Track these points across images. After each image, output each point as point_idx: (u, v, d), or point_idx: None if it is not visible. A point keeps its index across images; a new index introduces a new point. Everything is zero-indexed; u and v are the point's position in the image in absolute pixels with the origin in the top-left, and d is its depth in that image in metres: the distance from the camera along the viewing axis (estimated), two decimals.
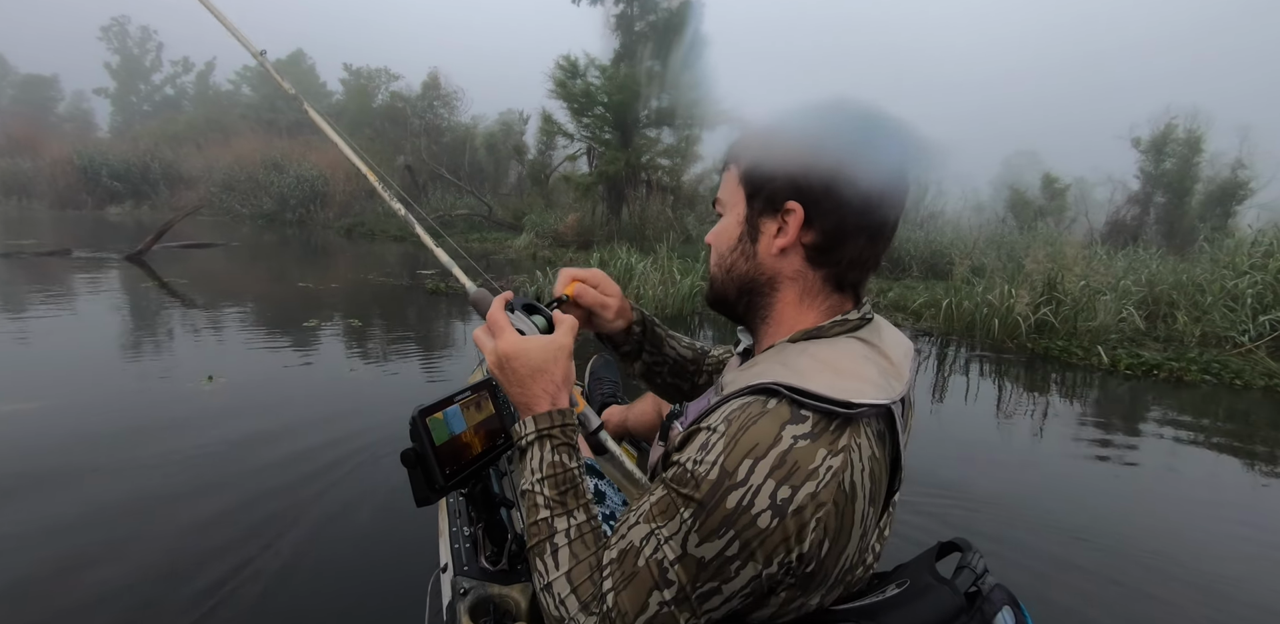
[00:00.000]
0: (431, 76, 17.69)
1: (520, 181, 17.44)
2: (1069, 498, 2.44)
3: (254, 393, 3.11)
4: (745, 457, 0.53)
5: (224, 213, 16.22)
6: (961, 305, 5.06)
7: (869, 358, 0.62)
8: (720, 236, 0.72)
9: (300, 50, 33.05)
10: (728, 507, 0.53)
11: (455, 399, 0.95)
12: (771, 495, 0.52)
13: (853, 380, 0.58)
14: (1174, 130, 15.38)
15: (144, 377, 3.29)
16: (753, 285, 0.70)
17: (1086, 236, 14.94)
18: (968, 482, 2.47)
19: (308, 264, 8.92)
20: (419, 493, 0.89)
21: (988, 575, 0.63)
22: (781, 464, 0.53)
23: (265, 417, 2.73)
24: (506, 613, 1.00)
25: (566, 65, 11.82)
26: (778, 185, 0.65)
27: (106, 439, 2.43)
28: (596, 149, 12.40)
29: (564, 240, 11.15)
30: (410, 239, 12.73)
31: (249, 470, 2.21)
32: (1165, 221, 15.19)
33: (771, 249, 0.66)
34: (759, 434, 0.54)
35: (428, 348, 4.18)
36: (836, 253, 0.65)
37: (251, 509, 1.96)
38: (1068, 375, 4.29)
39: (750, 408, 0.57)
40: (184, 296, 5.49)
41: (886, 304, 6.32)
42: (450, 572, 1.08)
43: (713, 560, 0.54)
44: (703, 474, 0.54)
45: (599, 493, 1.15)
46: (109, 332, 4.19)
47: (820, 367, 0.59)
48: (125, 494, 2.02)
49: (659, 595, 0.56)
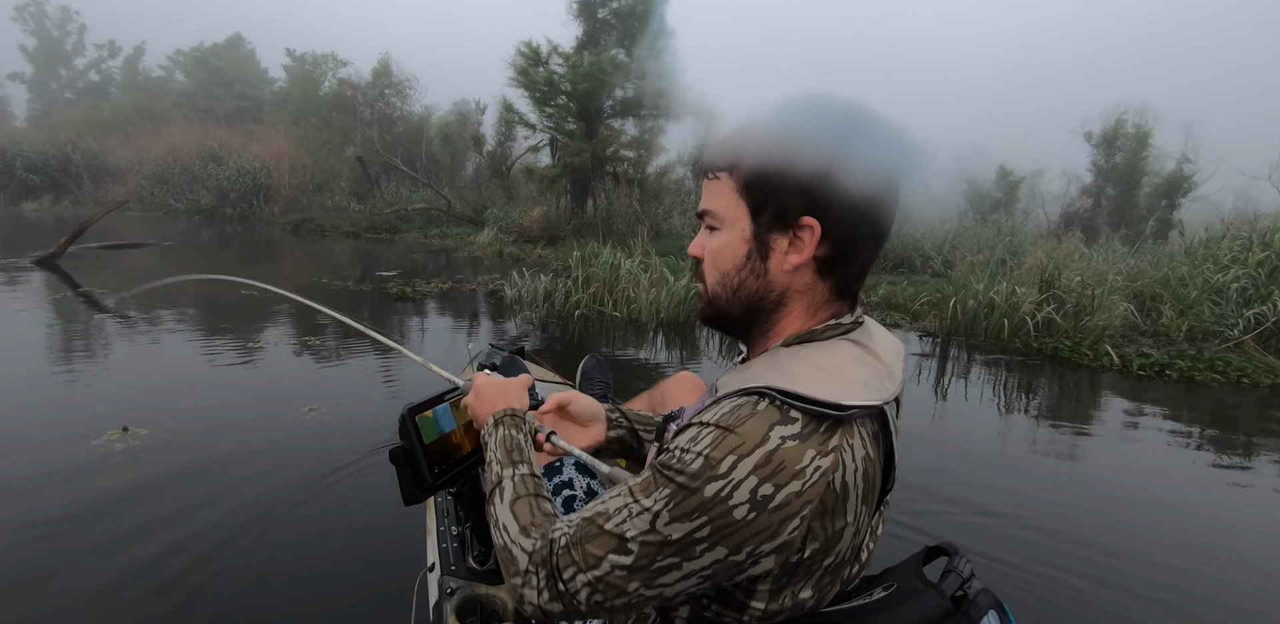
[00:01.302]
0: (382, 63, 16.78)
1: (478, 174, 16.79)
2: (1106, 508, 2.28)
3: (182, 451, 2.33)
4: (730, 452, 0.53)
5: (157, 208, 15.05)
6: (966, 304, 4.84)
7: (860, 359, 0.62)
8: (721, 254, 0.66)
9: (238, 34, 31.23)
10: (705, 494, 0.53)
11: (445, 398, 0.96)
12: (752, 491, 0.52)
13: (843, 382, 0.57)
14: (1124, 125, 16.00)
15: (29, 428, 2.47)
16: (761, 303, 0.66)
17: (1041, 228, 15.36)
18: (998, 489, 2.36)
19: (252, 266, 7.99)
20: (407, 491, 0.89)
21: (974, 580, 0.64)
22: (766, 463, 0.53)
23: (191, 492, 2.04)
24: (493, 613, 0.99)
25: (529, 52, 11.31)
26: (789, 199, 0.60)
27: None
28: (560, 140, 11.98)
29: (529, 236, 10.66)
30: (365, 236, 12.03)
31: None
32: (1116, 213, 15.79)
33: (784, 266, 0.63)
34: (746, 433, 0.54)
35: (397, 373, 3.42)
36: (848, 263, 0.64)
37: (235, 511, 1.93)
38: (1081, 378, 4.12)
39: (741, 408, 0.57)
40: (101, 311, 4.62)
41: (877, 302, 6.09)
42: (437, 571, 1.08)
43: (679, 540, 0.54)
44: (688, 462, 0.54)
45: (590, 491, 1.10)
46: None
47: (811, 370, 0.59)
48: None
49: (615, 559, 0.56)
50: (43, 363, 3.35)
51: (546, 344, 4.40)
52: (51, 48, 33.84)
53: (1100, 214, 16.01)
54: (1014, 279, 4.96)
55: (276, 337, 4.13)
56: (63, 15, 34.23)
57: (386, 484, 2.11)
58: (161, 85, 30.44)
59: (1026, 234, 11.84)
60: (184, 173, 15.38)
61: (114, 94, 31.42)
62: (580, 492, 1.04)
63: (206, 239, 10.96)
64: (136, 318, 4.47)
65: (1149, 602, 1.73)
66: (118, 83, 33.60)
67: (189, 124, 19.16)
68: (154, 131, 18.39)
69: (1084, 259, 5.36)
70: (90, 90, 33.31)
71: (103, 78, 34.38)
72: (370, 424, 2.62)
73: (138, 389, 3.03)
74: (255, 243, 10.71)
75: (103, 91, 32.60)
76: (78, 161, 17.01)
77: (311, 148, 16.03)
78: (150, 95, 27.26)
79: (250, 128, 18.78)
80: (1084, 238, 8.76)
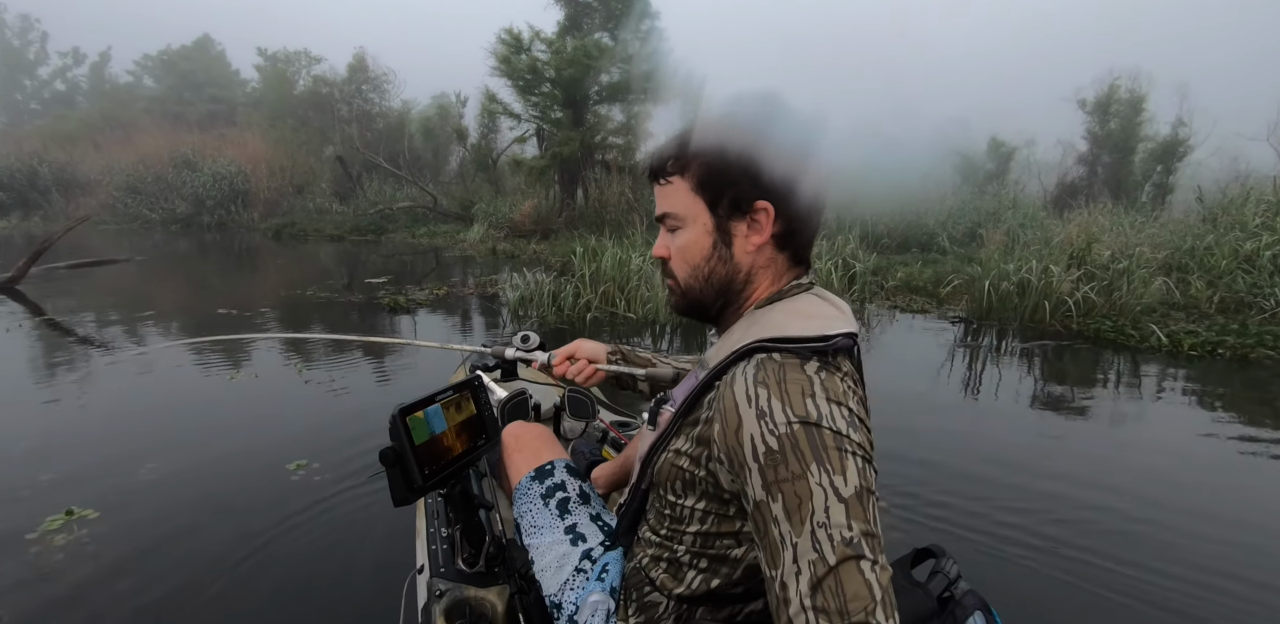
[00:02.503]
0: (358, 58, 16.22)
1: (463, 168, 16.33)
2: (1200, 504, 2.01)
3: (135, 540, 1.82)
4: (804, 397, 0.57)
5: (131, 220, 14.50)
6: (999, 286, 4.53)
7: (825, 303, 0.70)
8: (689, 249, 0.72)
9: (207, 35, 30.28)
10: (826, 438, 0.55)
11: (437, 399, 0.97)
12: (843, 416, 0.57)
13: (819, 319, 0.66)
14: (1117, 91, 15.76)
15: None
16: (731, 284, 0.72)
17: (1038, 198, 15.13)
18: (1072, 484, 2.13)
19: (230, 278, 7.54)
20: (397, 493, 0.90)
21: (960, 581, 0.66)
22: (828, 394, 0.58)
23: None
24: (482, 615, 0.99)
25: (510, 39, 10.88)
26: (741, 189, 0.67)
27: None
28: (546, 129, 11.59)
29: (521, 230, 10.30)
30: (349, 239, 11.63)
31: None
32: (1113, 181, 15.62)
33: (747, 248, 0.70)
34: (796, 379, 0.59)
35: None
36: (801, 234, 0.71)
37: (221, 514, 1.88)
38: (1130, 360, 3.84)
39: (766, 365, 0.61)
40: (56, 346, 3.99)
41: (896, 286, 5.68)
42: (426, 573, 1.08)
43: (860, 481, 0.54)
44: (786, 433, 0.56)
45: (583, 493, 1.07)
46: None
47: (790, 317, 0.66)
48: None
49: (867, 564, 0.51)
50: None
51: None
52: (12, 58, 32.75)
53: (1096, 182, 15.84)
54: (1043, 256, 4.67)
55: (260, 371, 3.53)
56: (23, 23, 33.11)
57: (377, 487, 2.08)
58: (130, 91, 29.52)
59: (1028, 206, 11.59)
60: (157, 181, 14.84)
61: (81, 103, 30.49)
62: (574, 494, 1.03)
63: (183, 250, 10.51)
64: (101, 353, 3.87)
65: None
66: (84, 91, 32.61)
67: (160, 130, 18.51)
68: (124, 140, 17.75)
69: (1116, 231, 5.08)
70: (57, 100, 32.32)
71: (69, 87, 33.37)
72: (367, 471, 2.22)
73: (95, 447, 2.47)
74: (234, 252, 10.28)
75: (70, 101, 31.64)
76: (45, 175, 16.33)
77: (289, 149, 15.52)
78: (119, 102, 26.40)
79: (224, 131, 18.17)
80: (1086, 207, 8.49)
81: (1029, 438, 2.69)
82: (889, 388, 3.24)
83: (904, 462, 2.30)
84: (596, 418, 1.67)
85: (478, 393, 1.07)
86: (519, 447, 1.11)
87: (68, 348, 4.00)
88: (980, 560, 1.73)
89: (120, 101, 26.68)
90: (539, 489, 1.02)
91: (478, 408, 1.06)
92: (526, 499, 1.02)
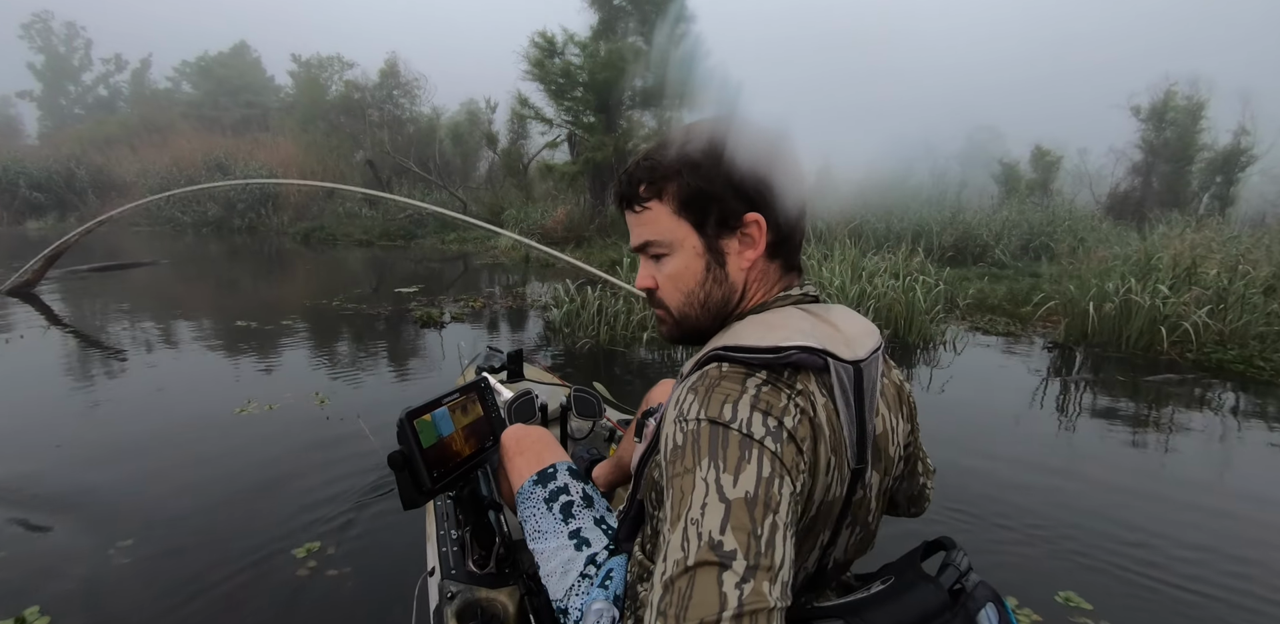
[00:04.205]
0: (389, 63, 16.16)
1: (492, 173, 16.17)
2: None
3: (144, 545, 1.70)
4: (724, 403, 0.55)
5: (164, 222, 14.56)
6: (1103, 307, 4.01)
7: (805, 319, 0.63)
8: (680, 277, 0.68)
9: (243, 42, 30.83)
10: (731, 440, 0.52)
11: (443, 401, 0.98)
12: (763, 423, 0.54)
13: (781, 331, 0.60)
14: (1174, 98, 15.09)
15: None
16: (727, 305, 0.69)
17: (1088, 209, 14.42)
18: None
19: (255, 284, 7.26)
20: (406, 496, 0.91)
21: (971, 573, 0.64)
22: (756, 403, 0.55)
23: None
24: (494, 616, 0.99)
25: (543, 43, 10.64)
26: (727, 204, 0.64)
27: None
28: (578, 135, 11.33)
29: (552, 237, 9.99)
30: (379, 244, 11.44)
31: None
32: (1170, 191, 14.92)
33: (741, 264, 0.67)
34: (727, 389, 0.57)
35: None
36: (791, 240, 0.68)
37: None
38: (1269, 398, 3.27)
39: (708, 374, 0.59)
40: (56, 362, 3.59)
41: (971, 305, 5.11)
42: (438, 575, 1.08)
43: (756, 489, 0.50)
44: (692, 430, 0.54)
45: (586, 495, 1.02)
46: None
47: (752, 326, 0.63)
48: None
49: (730, 576, 0.47)
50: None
51: (620, 384, 3.31)
52: (59, 64, 33.75)
53: (1151, 193, 15.13)
54: (1142, 274, 4.15)
55: (289, 392, 3.03)
56: (69, 31, 34.14)
57: (387, 490, 2.03)
58: (168, 97, 30.13)
59: (1084, 217, 10.96)
60: (189, 184, 14.90)
61: (122, 108, 31.20)
62: (577, 497, 0.99)
63: (212, 253, 10.39)
64: (107, 369, 3.50)
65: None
66: (126, 97, 33.40)
67: (195, 134, 18.71)
68: (160, 143, 17.95)
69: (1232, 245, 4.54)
70: (99, 105, 33.18)
71: (110, 92, 34.23)
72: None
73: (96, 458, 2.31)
74: (263, 256, 10.13)
75: (111, 106, 32.43)
76: (82, 177, 16.59)
77: (320, 153, 15.51)
78: (157, 107, 26.92)
79: (257, 135, 18.29)
80: (1135, 219, 7.89)
81: (1193, 513, 2.17)
82: (989, 434, 2.80)
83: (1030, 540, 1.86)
84: (603, 416, 1.68)
85: (484, 394, 1.07)
86: (520, 450, 1.07)
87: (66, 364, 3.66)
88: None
89: (158, 106, 27.20)
90: (542, 493, 0.99)
91: (485, 409, 1.06)
92: (530, 503, 0.99)
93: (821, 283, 4.23)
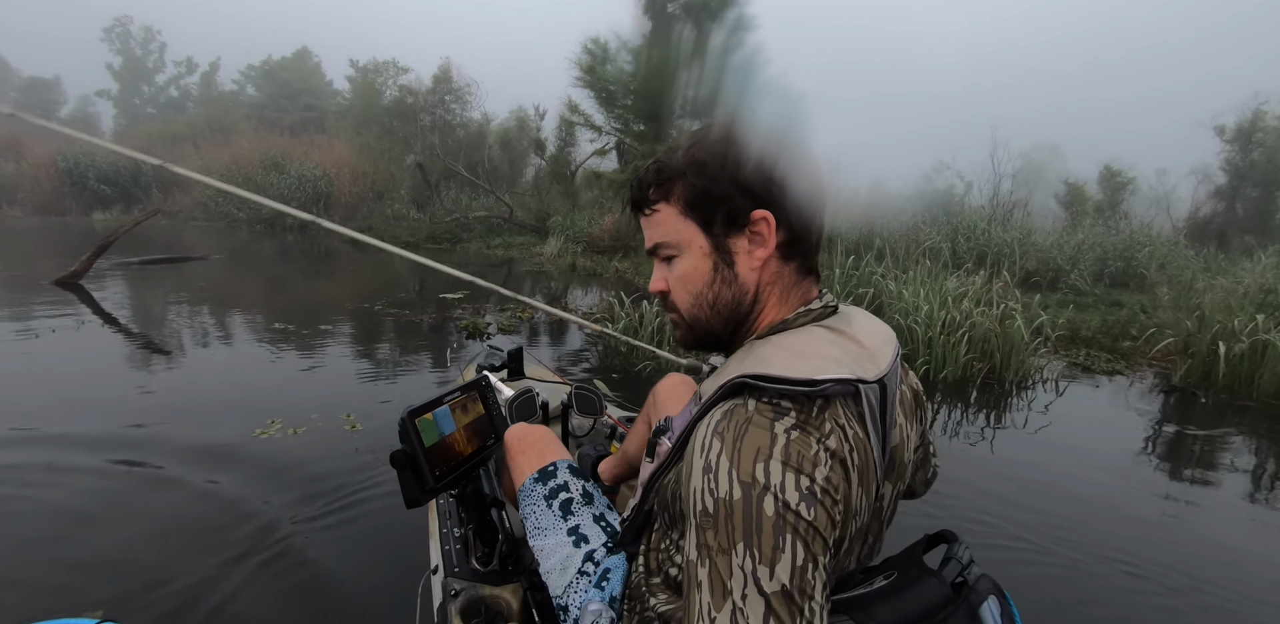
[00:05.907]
0: (443, 69, 16.35)
1: (538, 179, 16.16)
2: None
3: (149, 543, 1.71)
4: (755, 460, 0.52)
5: (220, 217, 14.95)
6: (1231, 347, 3.47)
7: (832, 341, 0.62)
8: (688, 278, 0.67)
9: (305, 47, 31.92)
10: (765, 513, 0.51)
11: (445, 400, 0.98)
12: (796, 486, 0.52)
13: (813, 360, 0.57)
14: (1263, 117, 14.07)
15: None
16: (739, 307, 0.67)
17: (1168, 234, 13.49)
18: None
19: (300, 284, 7.21)
20: (409, 495, 0.90)
21: (973, 566, 0.63)
22: (788, 459, 0.52)
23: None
24: (498, 613, 0.99)
25: (596, 50, 10.51)
26: (734, 202, 0.63)
27: None
28: (627, 143, 11.16)
29: (599, 246, 9.77)
30: (425, 247, 11.43)
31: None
32: (1257, 217, 13.91)
33: (752, 263, 0.65)
34: (756, 438, 0.53)
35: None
36: (806, 239, 0.66)
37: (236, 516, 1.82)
38: None
39: (735, 415, 0.56)
40: (89, 361, 3.45)
41: (1063, 337, 4.59)
42: (441, 573, 1.08)
43: (791, 580, 0.49)
44: (724, 498, 0.52)
45: (586, 493, 1.01)
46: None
47: (782, 352, 0.59)
48: None
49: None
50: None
51: (621, 384, 3.34)
52: (135, 66, 35.53)
53: (1234, 218, 14.12)
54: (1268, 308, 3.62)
55: (315, 413, 2.77)
56: (146, 34, 35.94)
57: (390, 489, 2.00)
58: (233, 99, 31.36)
59: (1165, 242, 10.19)
60: (246, 182, 15.29)
61: (191, 108, 32.60)
62: (576, 494, 0.99)
63: (263, 250, 10.52)
64: (104, 374, 3.25)
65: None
66: (194, 97, 34.91)
67: (254, 134, 19.30)
68: (222, 142, 18.56)
69: None
70: (170, 105, 34.78)
71: (181, 93, 35.84)
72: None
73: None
74: (313, 255, 10.18)
75: (181, 107, 33.94)
76: (147, 172, 17.26)
77: (372, 155, 15.79)
78: (222, 108, 28.01)
79: (313, 137, 18.75)
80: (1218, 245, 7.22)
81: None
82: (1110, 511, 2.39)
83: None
84: (604, 413, 1.67)
85: (485, 393, 1.08)
86: (522, 448, 1.07)
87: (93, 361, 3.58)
88: None
89: (223, 107, 28.30)
90: (542, 491, 0.99)
91: (486, 408, 1.06)
92: (530, 501, 0.99)
93: (905, 308, 3.83)
